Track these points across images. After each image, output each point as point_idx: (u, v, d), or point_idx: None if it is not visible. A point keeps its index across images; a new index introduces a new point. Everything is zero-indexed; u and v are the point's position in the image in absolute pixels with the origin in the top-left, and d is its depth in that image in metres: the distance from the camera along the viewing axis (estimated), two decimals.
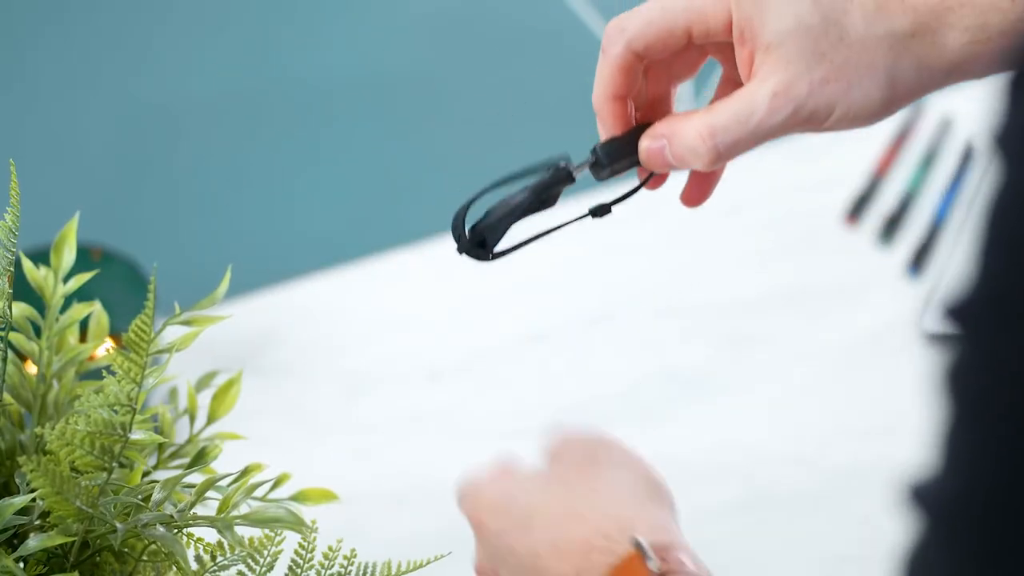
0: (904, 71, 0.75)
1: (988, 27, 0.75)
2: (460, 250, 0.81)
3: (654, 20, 0.77)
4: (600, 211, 0.81)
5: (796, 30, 0.74)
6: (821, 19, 0.75)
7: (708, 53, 0.81)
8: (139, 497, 0.79)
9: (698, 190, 0.83)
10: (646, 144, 0.79)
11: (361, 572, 0.84)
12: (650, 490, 0.81)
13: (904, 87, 0.76)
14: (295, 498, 0.85)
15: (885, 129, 1.52)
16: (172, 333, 0.83)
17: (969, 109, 1.53)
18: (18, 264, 0.86)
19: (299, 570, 0.84)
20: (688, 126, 0.77)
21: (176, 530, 0.80)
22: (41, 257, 0.99)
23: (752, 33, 0.75)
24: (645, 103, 0.81)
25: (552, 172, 0.80)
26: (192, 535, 0.83)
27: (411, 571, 0.84)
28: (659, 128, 0.79)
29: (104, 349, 0.91)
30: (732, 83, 0.81)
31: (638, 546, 0.76)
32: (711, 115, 0.76)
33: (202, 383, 0.91)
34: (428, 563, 0.85)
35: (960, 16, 0.75)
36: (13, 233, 0.83)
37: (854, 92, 0.75)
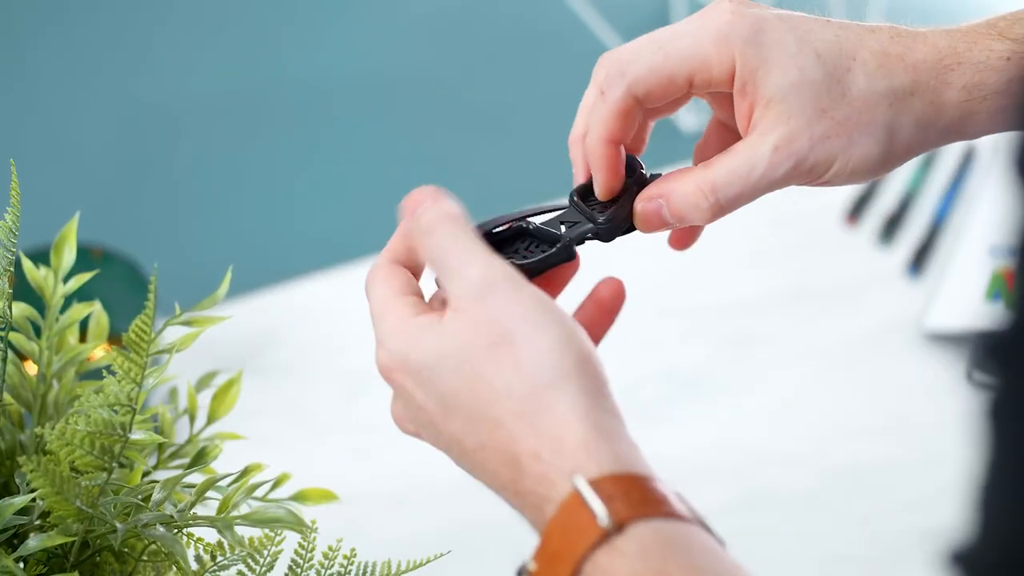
0: (903, 128, 0.76)
1: (984, 86, 0.76)
2: None
3: (656, 68, 0.77)
4: (567, 249, 0.78)
5: (799, 85, 0.75)
6: (824, 75, 0.75)
7: (690, 95, 0.81)
8: (139, 497, 0.79)
9: (687, 234, 0.83)
10: (641, 206, 0.79)
11: (361, 572, 0.85)
12: (579, 374, 0.69)
13: (902, 144, 0.77)
14: (295, 498, 0.85)
15: None
16: (172, 333, 0.83)
17: None
18: (18, 264, 0.86)
19: (299, 570, 0.84)
20: (686, 183, 0.77)
21: (176, 530, 0.80)
22: (41, 257, 0.99)
23: (754, 86, 0.75)
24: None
25: (557, 250, 0.78)
26: (192, 535, 0.83)
27: (411, 570, 0.84)
28: (652, 190, 0.79)
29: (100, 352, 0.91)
30: (723, 127, 0.82)
31: (579, 492, 0.66)
32: (711, 171, 0.77)
33: (202, 383, 0.91)
34: (428, 562, 0.85)
35: (959, 75, 0.76)
36: (13, 233, 0.83)
37: (854, 148, 0.75)
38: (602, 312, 0.78)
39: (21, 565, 0.78)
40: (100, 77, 2.50)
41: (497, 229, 0.79)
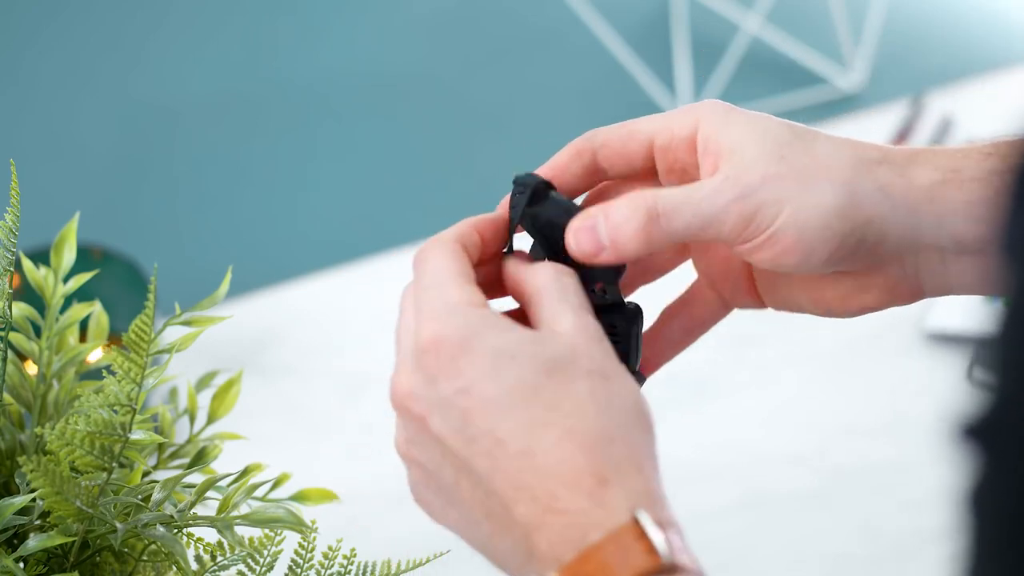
0: (866, 189, 0.73)
1: (960, 171, 0.73)
2: None
3: (620, 125, 0.76)
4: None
5: (762, 135, 0.73)
6: (789, 132, 0.73)
7: (688, 255, 0.82)
8: (139, 497, 0.79)
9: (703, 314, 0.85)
10: (576, 224, 0.74)
11: (361, 571, 0.85)
12: (632, 420, 0.71)
13: (862, 210, 0.73)
14: (295, 498, 0.85)
15: (885, 128, 1.52)
16: (172, 333, 0.83)
17: (969, 109, 1.53)
18: (18, 264, 0.86)
19: (299, 570, 0.84)
20: (625, 197, 0.74)
21: (176, 530, 0.80)
22: (41, 257, 0.99)
23: (718, 143, 0.73)
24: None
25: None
26: (192, 535, 0.83)
27: (411, 570, 0.84)
28: (591, 210, 0.75)
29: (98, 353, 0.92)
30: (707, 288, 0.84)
31: (639, 524, 0.66)
32: (654, 190, 0.74)
33: (202, 383, 0.91)
34: (428, 561, 0.85)
35: (932, 157, 0.74)
36: (13, 233, 0.83)
37: (807, 195, 0.72)
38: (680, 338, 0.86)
39: (21, 565, 0.78)
40: (100, 77, 2.50)
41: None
